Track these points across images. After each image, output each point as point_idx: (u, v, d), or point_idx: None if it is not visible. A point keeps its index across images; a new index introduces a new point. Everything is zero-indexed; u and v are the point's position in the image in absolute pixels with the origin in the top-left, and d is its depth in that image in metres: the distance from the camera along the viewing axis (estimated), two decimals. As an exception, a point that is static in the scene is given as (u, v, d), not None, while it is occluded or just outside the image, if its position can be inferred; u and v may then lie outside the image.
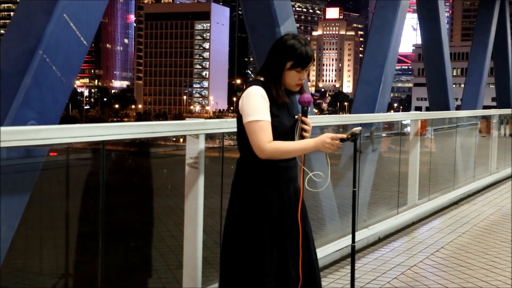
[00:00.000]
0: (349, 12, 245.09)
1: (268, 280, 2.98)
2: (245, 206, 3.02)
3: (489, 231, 7.00)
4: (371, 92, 11.75)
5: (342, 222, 6.19)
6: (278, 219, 3.02)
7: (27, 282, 4.12)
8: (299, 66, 2.99)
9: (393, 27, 12.03)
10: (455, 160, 9.92)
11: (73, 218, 4.07)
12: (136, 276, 4.42)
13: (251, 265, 3.00)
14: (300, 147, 2.98)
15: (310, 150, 2.99)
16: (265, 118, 2.93)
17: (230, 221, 3.09)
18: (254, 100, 2.95)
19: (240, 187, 3.06)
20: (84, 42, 5.07)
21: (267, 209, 3.00)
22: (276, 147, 2.92)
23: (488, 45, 20.13)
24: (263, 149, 2.92)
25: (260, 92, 2.96)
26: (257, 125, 2.92)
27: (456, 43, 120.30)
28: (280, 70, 3.00)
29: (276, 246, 3.01)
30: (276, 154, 2.94)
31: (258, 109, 2.93)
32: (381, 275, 5.23)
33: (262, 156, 2.93)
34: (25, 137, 2.89)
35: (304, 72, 3.03)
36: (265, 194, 3.00)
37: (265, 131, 2.91)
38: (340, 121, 6.29)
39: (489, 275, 5.27)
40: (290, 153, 2.98)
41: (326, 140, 2.97)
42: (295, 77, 3.01)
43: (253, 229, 3.00)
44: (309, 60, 3.01)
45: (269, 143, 2.92)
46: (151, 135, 3.76)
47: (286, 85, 3.04)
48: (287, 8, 8.95)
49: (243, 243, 3.02)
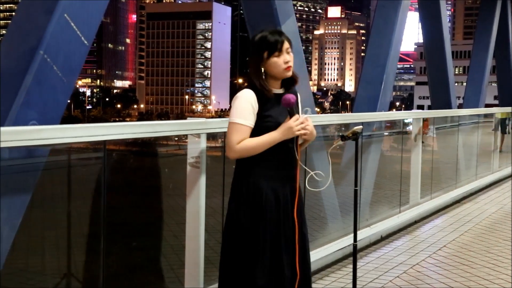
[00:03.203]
0: (351, 11, 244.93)
1: (259, 276, 3.03)
2: (241, 203, 3.08)
3: (491, 230, 6.99)
4: (373, 91, 11.73)
5: (344, 221, 6.19)
6: (273, 218, 3.06)
7: (30, 282, 4.13)
8: (274, 51, 3.05)
9: (395, 25, 12.02)
10: (457, 159, 9.91)
11: (75, 218, 4.07)
12: (138, 276, 4.42)
13: (243, 261, 3.06)
14: (267, 139, 3.01)
15: (278, 140, 3.02)
16: (243, 122, 3.01)
17: (227, 217, 3.16)
18: (239, 103, 3.04)
19: (237, 185, 3.12)
20: (85, 42, 5.07)
21: (262, 207, 3.05)
22: (243, 145, 3.01)
23: (490, 43, 20.10)
24: (231, 149, 3.02)
25: (247, 95, 3.04)
26: (233, 126, 3.03)
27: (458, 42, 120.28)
28: (258, 64, 3.07)
29: (270, 244, 3.05)
30: (244, 152, 3.02)
31: (240, 113, 3.02)
32: (383, 274, 5.22)
33: (231, 155, 3.04)
34: (26, 137, 2.89)
35: (285, 54, 3.07)
36: (261, 192, 3.05)
37: (238, 133, 3.01)
38: (342, 120, 6.29)
39: (492, 274, 5.26)
40: (258, 148, 3.02)
41: (291, 125, 3.00)
42: (278, 62, 3.05)
43: (247, 226, 3.06)
44: (279, 41, 3.06)
45: (237, 144, 3.00)
46: (153, 135, 3.76)
47: (276, 75, 3.08)
48: (288, 7, 8.95)
49: (237, 239, 3.09)
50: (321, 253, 5.26)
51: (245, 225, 3.06)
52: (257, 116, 3.04)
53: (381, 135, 8.52)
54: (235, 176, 3.15)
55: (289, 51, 3.10)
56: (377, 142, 8.27)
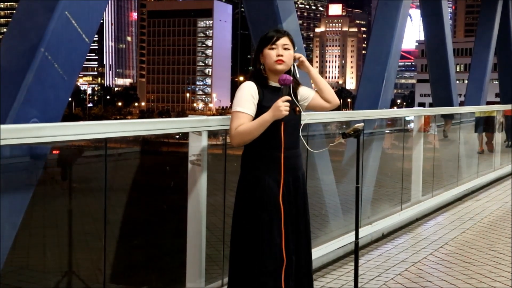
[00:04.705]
0: (352, 9, 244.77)
1: (269, 263, 3.14)
2: (246, 194, 3.21)
3: (493, 227, 6.98)
4: (374, 88, 11.71)
5: (346, 219, 6.18)
6: (277, 206, 3.16)
7: (31, 280, 4.13)
8: (268, 44, 3.22)
9: (396, 23, 11.98)
10: (459, 156, 9.90)
11: (76, 216, 4.06)
12: (140, 274, 4.42)
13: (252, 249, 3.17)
14: (259, 121, 3.11)
15: (269, 120, 3.10)
16: (243, 110, 3.14)
17: (234, 208, 3.28)
18: (241, 93, 3.18)
19: (243, 176, 3.24)
20: (86, 40, 5.06)
21: (266, 196, 3.16)
22: (239, 129, 3.12)
23: (492, 40, 20.05)
24: (230, 135, 3.16)
25: (249, 86, 3.19)
26: (234, 114, 3.16)
27: (459, 39, 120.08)
28: (258, 56, 3.28)
29: (277, 231, 3.16)
30: (241, 136, 3.12)
31: (240, 102, 3.16)
32: (385, 271, 5.22)
33: (232, 142, 3.17)
34: (28, 135, 2.88)
35: (280, 49, 3.21)
36: (263, 182, 3.16)
37: (237, 120, 3.14)
38: (343, 117, 6.27)
39: (493, 271, 5.26)
40: (252, 130, 3.11)
41: (278, 104, 3.07)
42: (270, 54, 3.21)
43: (252, 215, 3.18)
44: (275, 35, 3.22)
45: (235, 129, 3.13)
46: (154, 132, 3.75)
47: (269, 67, 3.23)
48: (289, 5, 8.93)
49: (244, 228, 3.21)
50: (322, 250, 5.26)
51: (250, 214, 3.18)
52: (257, 107, 3.16)
53: (382, 132, 8.51)
54: (241, 168, 3.27)
55: (286, 47, 3.23)
56: (379, 139, 8.26)
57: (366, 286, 4.83)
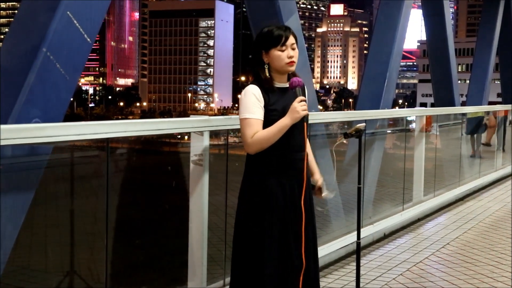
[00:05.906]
0: (354, 9, 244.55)
1: (268, 266, 3.09)
2: (249, 196, 3.14)
3: (494, 227, 6.98)
4: (376, 88, 11.70)
5: (348, 219, 6.18)
6: (280, 209, 3.11)
7: (33, 280, 4.13)
8: (277, 45, 3.09)
9: (398, 23, 11.98)
10: (461, 156, 9.89)
11: (78, 216, 4.07)
12: (141, 274, 4.42)
13: (252, 251, 3.12)
14: (278, 126, 3.04)
15: (288, 124, 3.04)
16: (253, 116, 3.05)
17: (238, 210, 3.23)
18: (246, 99, 3.08)
19: (246, 178, 3.18)
20: (87, 40, 5.06)
21: (269, 199, 3.10)
22: (257, 137, 3.04)
23: (493, 40, 20.02)
24: (247, 144, 3.05)
25: (253, 90, 3.08)
26: (245, 122, 3.07)
27: (461, 39, 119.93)
28: (260, 57, 3.13)
29: (278, 234, 3.11)
30: (259, 143, 3.04)
31: (248, 108, 3.06)
32: (387, 271, 5.21)
33: (249, 150, 3.07)
34: (30, 135, 2.89)
35: (290, 50, 3.11)
36: (267, 184, 3.10)
37: (251, 127, 3.04)
38: (345, 117, 6.28)
39: (495, 271, 5.25)
40: (271, 136, 3.04)
41: (295, 106, 3.03)
42: (281, 56, 3.10)
43: (254, 217, 3.12)
44: (284, 35, 3.10)
45: (251, 138, 3.03)
46: (156, 132, 3.75)
47: (279, 69, 3.12)
48: (291, 5, 8.92)
49: (245, 230, 3.16)
50: (324, 250, 5.26)
51: (252, 217, 3.13)
52: (264, 109, 3.08)
53: (384, 132, 8.50)
54: (245, 171, 3.20)
55: (294, 47, 3.13)
56: (380, 139, 8.25)
57: (368, 286, 4.84)
